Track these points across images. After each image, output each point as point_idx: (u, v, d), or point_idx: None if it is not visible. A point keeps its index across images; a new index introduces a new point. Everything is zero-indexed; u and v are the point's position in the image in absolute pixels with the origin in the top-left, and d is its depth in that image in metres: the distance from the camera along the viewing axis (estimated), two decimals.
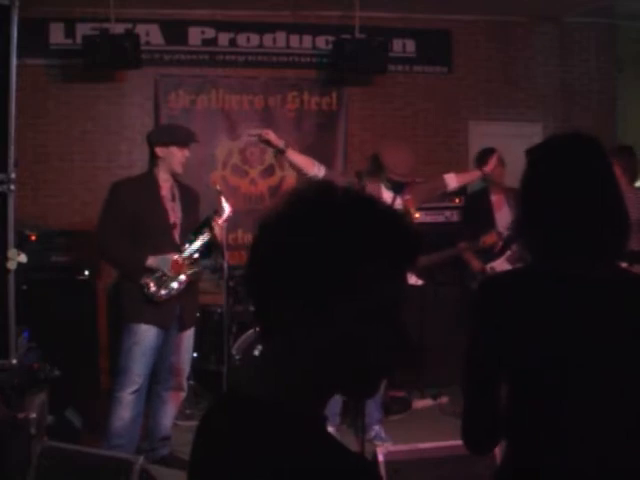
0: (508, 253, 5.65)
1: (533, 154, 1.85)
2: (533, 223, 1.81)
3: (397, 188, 4.67)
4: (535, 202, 1.81)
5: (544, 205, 1.78)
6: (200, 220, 4.48)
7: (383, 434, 4.91)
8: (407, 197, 4.73)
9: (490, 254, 5.66)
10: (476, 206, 5.92)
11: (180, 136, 4.38)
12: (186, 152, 4.35)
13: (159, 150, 4.31)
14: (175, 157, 4.31)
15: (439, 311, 6.34)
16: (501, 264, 5.56)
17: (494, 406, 1.80)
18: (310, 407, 1.14)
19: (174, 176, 4.39)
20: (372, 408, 4.84)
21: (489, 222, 5.73)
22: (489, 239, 5.42)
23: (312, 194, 1.15)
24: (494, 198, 5.81)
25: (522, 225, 1.84)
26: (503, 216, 5.75)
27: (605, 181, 1.77)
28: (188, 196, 4.49)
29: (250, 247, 1.17)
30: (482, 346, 1.81)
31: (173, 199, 4.39)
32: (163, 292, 4.24)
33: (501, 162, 5.70)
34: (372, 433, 4.89)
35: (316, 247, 1.09)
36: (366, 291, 1.12)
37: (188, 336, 4.54)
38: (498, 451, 3.22)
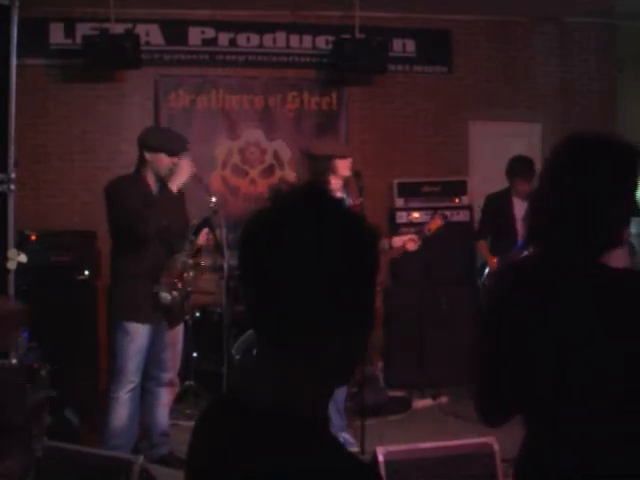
0: (525, 254, 5.62)
1: (551, 153, 1.91)
2: (543, 217, 1.88)
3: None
4: (544, 196, 1.88)
5: (551, 199, 1.85)
6: (193, 220, 4.50)
7: (351, 439, 4.82)
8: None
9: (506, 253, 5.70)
10: (497, 207, 5.91)
11: (170, 145, 4.30)
12: (175, 160, 4.31)
13: (148, 155, 4.30)
14: (163, 164, 4.28)
15: (439, 311, 6.34)
16: None
17: (503, 385, 1.86)
18: (311, 409, 1.14)
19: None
20: (335, 417, 4.72)
21: (509, 223, 5.76)
22: (434, 224, 5.09)
23: (297, 195, 1.17)
24: (516, 200, 5.82)
25: (535, 218, 1.91)
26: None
27: (611, 180, 1.81)
28: (174, 197, 4.48)
29: (242, 248, 1.17)
30: (490, 330, 1.89)
31: None
32: (169, 297, 4.29)
33: (533, 175, 5.71)
34: (340, 440, 4.78)
35: (313, 249, 1.10)
36: (356, 291, 1.14)
37: (178, 331, 4.54)
38: (497, 450, 3.24)
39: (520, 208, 5.80)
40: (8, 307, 3.09)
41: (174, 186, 4.25)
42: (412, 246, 4.84)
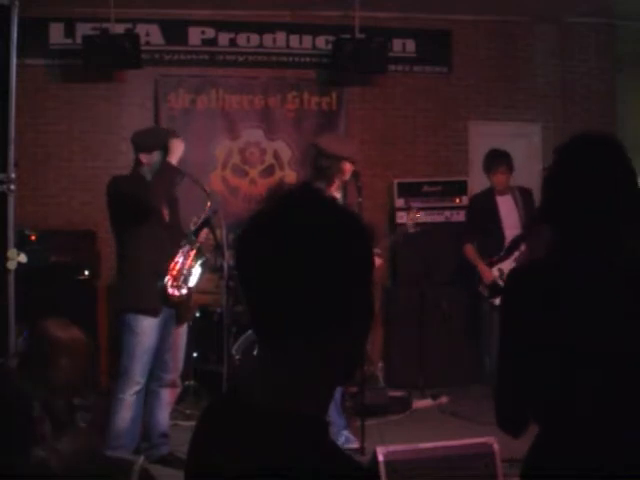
0: (516, 254, 5.57)
1: (557, 153, 1.92)
2: (554, 215, 1.89)
3: None
4: (556, 195, 1.89)
5: (564, 199, 1.86)
6: (181, 220, 4.51)
7: (352, 437, 4.80)
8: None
9: (494, 254, 5.63)
10: (481, 207, 5.84)
11: (161, 140, 4.32)
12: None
13: (143, 156, 4.32)
14: (158, 160, 4.31)
15: (439, 311, 6.34)
16: (509, 265, 5.44)
17: (523, 388, 1.86)
18: (311, 409, 1.14)
19: None
20: (335, 417, 4.71)
21: (495, 223, 5.71)
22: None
23: (292, 197, 1.17)
24: (499, 198, 5.77)
25: (545, 215, 1.93)
26: (509, 216, 5.71)
27: (619, 180, 1.83)
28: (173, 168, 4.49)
29: (239, 251, 1.17)
30: (510, 331, 1.89)
31: None
32: (177, 293, 4.30)
33: (509, 168, 5.69)
34: (342, 439, 4.76)
35: (309, 250, 1.10)
36: (356, 293, 1.14)
37: (182, 333, 4.54)
38: (497, 450, 3.23)
39: (504, 205, 5.76)
40: (72, 335, 3.07)
41: (172, 161, 4.27)
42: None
